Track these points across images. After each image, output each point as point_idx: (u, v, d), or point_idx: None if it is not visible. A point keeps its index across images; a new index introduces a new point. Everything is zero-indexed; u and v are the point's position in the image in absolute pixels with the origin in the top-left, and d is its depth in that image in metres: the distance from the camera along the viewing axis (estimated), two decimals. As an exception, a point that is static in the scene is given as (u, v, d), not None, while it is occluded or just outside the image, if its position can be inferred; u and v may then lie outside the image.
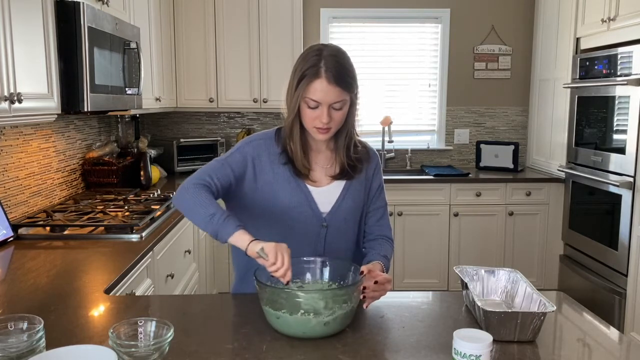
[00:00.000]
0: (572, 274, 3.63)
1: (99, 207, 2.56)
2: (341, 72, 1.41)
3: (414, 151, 4.48)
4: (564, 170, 3.69)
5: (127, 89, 2.64)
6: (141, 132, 4.07)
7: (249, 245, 1.32)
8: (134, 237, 2.17)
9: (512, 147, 4.26)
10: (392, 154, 4.46)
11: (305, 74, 1.41)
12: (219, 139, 4.20)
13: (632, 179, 2.97)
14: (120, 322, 1.14)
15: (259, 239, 1.33)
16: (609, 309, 3.13)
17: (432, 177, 3.95)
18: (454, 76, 4.42)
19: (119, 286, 1.71)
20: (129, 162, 3.32)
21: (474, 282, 1.49)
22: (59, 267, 1.80)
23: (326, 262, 1.46)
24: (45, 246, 2.07)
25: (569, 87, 3.63)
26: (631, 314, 2.99)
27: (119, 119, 3.72)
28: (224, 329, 1.35)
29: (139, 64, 2.76)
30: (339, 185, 1.56)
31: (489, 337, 1.10)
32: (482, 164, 4.37)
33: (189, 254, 2.92)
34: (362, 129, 1.60)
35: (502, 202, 3.95)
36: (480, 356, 1.07)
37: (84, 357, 1.03)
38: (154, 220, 2.40)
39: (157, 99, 3.48)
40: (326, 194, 1.55)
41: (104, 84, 2.33)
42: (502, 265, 3.89)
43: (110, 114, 3.15)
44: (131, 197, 2.85)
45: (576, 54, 3.63)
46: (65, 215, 2.40)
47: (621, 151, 3.05)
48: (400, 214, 3.91)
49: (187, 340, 1.23)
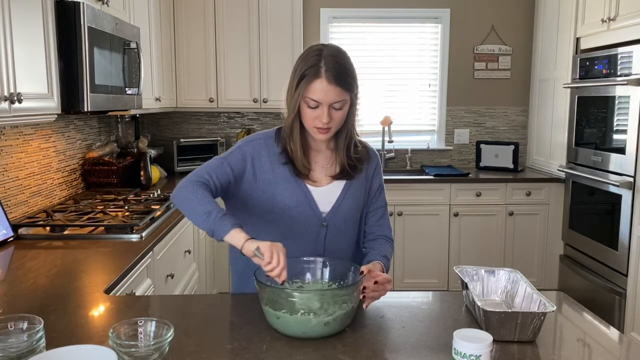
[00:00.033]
0: (572, 274, 3.63)
1: (99, 207, 2.56)
2: (341, 72, 1.41)
3: (414, 151, 4.48)
4: (564, 170, 3.69)
5: (127, 89, 2.64)
6: (141, 132, 4.08)
7: (245, 243, 1.32)
8: (134, 237, 2.17)
9: (512, 147, 4.26)
10: (392, 154, 4.46)
11: (305, 73, 1.41)
12: (219, 139, 4.20)
13: (632, 179, 2.97)
14: (120, 322, 1.14)
15: (254, 238, 1.33)
16: (609, 309, 3.13)
17: (432, 177, 3.95)
18: (454, 76, 4.42)
19: (119, 286, 1.71)
20: (129, 162, 3.32)
21: (474, 282, 1.49)
22: (59, 267, 1.80)
23: (326, 262, 1.46)
24: (45, 246, 2.07)
25: (569, 87, 3.63)
26: (631, 314, 2.99)
27: (119, 119, 3.72)
28: (224, 329, 1.35)
29: (139, 64, 2.76)
30: (339, 185, 1.56)
31: (489, 337, 1.10)
32: (482, 164, 4.37)
33: (189, 254, 2.92)
34: (362, 129, 1.60)
35: (502, 202, 3.95)
36: (480, 356, 1.07)
37: (84, 357, 1.03)
38: (154, 220, 2.40)
39: (157, 99, 3.48)
40: (326, 193, 1.55)
41: (104, 84, 2.34)
42: (502, 265, 3.90)
43: (110, 114, 3.15)
44: (131, 197, 2.85)
45: (576, 54, 3.63)
46: (65, 215, 2.40)
47: (621, 151, 3.05)
48: (400, 214, 3.91)
49: (187, 340, 1.23)
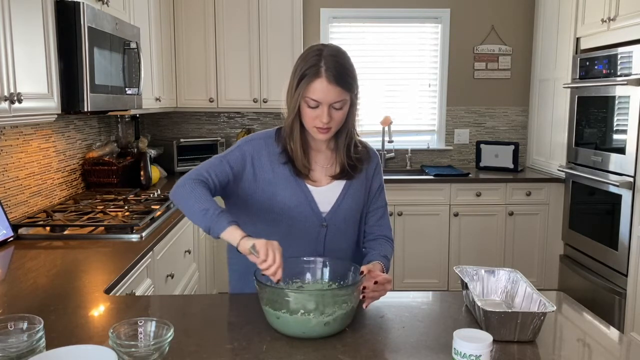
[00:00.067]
0: (572, 274, 3.62)
1: (99, 207, 2.56)
2: (341, 72, 1.41)
3: (414, 151, 4.48)
4: (564, 170, 3.69)
5: (127, 89, 2.64)
6: (141, 132, 4.08)
7: (241, 241, 1.31)
8: (134, 237, 2.17)
9: (512, 147, 4.26)
10: (392, 154, 4.46)
11: (305, 73, 1.41)
12: (219, 139, 4.20)
13: (632, 179, 2.97)
14: (120, 322, 1.14)
15: (250, 235, 1.33)
16: (609, 309, 3.13)
17: (432, 177, 3.95)
18: (454, 76, 4.42)
19: (119, 286, 1.71)
20: (129, 162, 3.32)
21: (474, 282, 1.49)
22: (59, 267, 1.80)
23: (326, 262, 1.46)
24: (45, 246, 2.07)
25: (569, 87, 3.63)
26: (631, 314, 2.99)
27: (119, 119, 3.72)
28: (224, 328, 1.35)
29: (139, 64, 2.76)
30: (339, 185, 1.56)
31: (489, 337, 1.10)
32: (482, 164, 4.37)
33: (189, 254, 2.92)
34: (362, 129, 1.61)
35: (502, 202, 3.95)
36: (480, 356, 1.07)
37: (84, 357, 1.03)
38: (154, 220, 2.40)
39: (157, 99, 3.48)
40: (326, 193, 1.55)
41: (104, 84, 2.33)
42: (502, 265, 3.89)
43: (110, 114, 3.15)
44: (131, 197, 2.85)
45: (576, 54, 3.63)
46: (65, 215, 2.40)
47: (621, 151, 3.05)
48: (400, 214, 3.91)
49: (187, 340, 1.23)
